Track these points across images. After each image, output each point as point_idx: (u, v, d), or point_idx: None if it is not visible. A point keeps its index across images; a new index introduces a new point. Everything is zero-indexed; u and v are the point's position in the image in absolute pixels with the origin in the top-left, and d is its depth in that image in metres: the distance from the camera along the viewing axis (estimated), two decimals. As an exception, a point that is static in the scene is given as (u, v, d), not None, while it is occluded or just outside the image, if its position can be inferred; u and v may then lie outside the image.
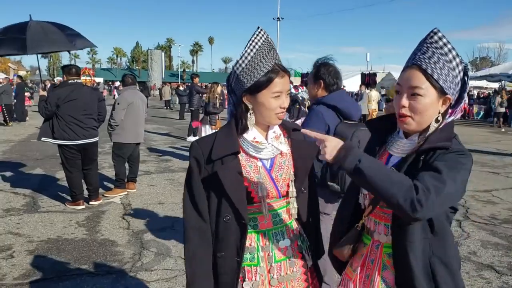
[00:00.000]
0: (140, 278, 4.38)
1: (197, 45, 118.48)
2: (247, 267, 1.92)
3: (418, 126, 1.72)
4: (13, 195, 7.37)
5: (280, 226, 1.96)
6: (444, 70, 1.66)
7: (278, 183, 1.92)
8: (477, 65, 65.35)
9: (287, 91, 1.87)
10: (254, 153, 1.91)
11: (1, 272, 4.46)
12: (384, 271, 1.78)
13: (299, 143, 1.99)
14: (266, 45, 1.85)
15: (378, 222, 1.82)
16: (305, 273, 2.00)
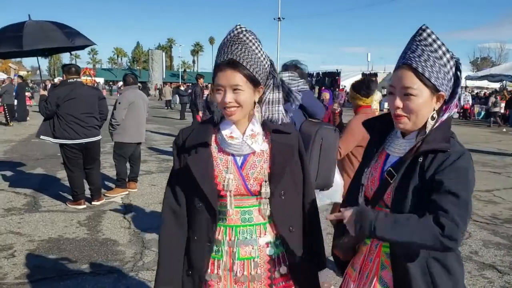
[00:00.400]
0: (141, 277, 4.38)
1: (198, 45, 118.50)
2: (212, 258, 1.96)
3: (414, 126, 1.73)
4: (14, 195, 7.37)
5: (249, 225, 1.94)
6: (435, 67, 1.65)
7: (248, 181, 1.91)
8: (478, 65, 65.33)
9: (231, 86, 1.82)
10: (224, 147, 1.93)
11: (2, 272, 4.46)
12: (382, 271, 1.78)
13: (279, 144, 1.94)
14: (231, 40, 1.85)
15: None
16: (270, 277, 1.96)
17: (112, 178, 8.20)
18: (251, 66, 1.83)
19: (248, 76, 1.83)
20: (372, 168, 1.86)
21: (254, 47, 1.86)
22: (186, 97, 22.96)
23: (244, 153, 1.92)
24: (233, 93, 1.82)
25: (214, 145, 1.95)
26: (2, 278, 4.32)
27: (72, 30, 7.16)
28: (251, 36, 1.87)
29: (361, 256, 1.89)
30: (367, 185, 1.86)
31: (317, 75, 44.55)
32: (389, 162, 1.81)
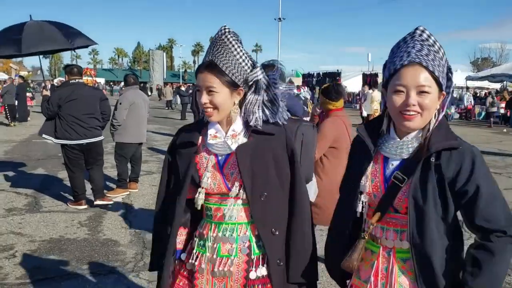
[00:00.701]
0: (142, 277, 4.38)
1: (198, 46, 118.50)
2: (198, 252, 2.03)
3: (423, 123, 1.72)
4: (15, 195, 7.38)
5: (231, 223, 1.98)
6: (440, 67, 1.69)
7: (228, 180, 1.95)
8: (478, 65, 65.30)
9: (206, 87, 1.89)
10: (207, 146, 2.00)
11: (4, 272, 4.47)
12: (400, 277, 1.76)
13: (256, 146, 1.95)
14: (214, 42, 1.93)
15: (386, 228, 1.80)
16: (245, 277, 1.95)
17: (113, 179, 8.20)
18: (228, 68, 1.88)
19: (224, 79, 1.89)
20: (371, 174, 1.82)
21: (233, 49, 1.90)
22: (187, 97, 22.99)
23: (225, 152, 1.97)
24: (208, 95, 1.90)
25: (203, 144, 2.03)
26: (3, 278, 4.33)
27: (73, 30, 7.15)
28: (232, 37, 1.91)
29: (370, 266, 1.83)
30: (368, 192, 1.81)
31: (318, 75, 44.51)
32: (391, 165, 1.79)
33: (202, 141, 2.03)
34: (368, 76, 37.95)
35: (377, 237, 1.82)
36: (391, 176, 1.76)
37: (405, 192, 1.72)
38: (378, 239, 1.81)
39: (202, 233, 2.03)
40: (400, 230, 1.76)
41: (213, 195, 2.00)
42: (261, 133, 1.97)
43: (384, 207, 1.77)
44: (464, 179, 1.65)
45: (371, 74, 38.22)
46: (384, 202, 1.77)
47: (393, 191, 1.74)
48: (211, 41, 1.96)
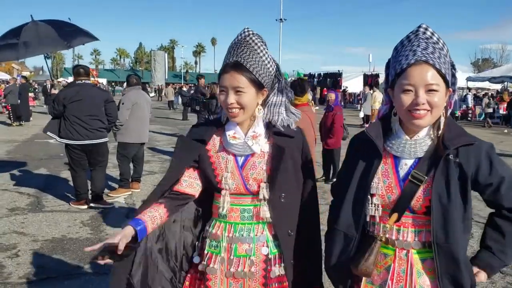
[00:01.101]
0: (144, 277, 4.40)
1: (200, 46, 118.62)
2: (210, 253, 2.01)
3: (432, 120, 1.73)
4: (17, 195, 7.41)
5: (248, 223, 1.99)
6: (446, 64, 1.70)
7: (248, 181, 1.96)
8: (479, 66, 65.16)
9: (233, 87, 1.88)
10: (226, 146, 2.00)
11: (7, 271, 4.49)
12: (420, 278, 1.74)
13: (279, 147, 1.96)
14: (238, 43, 1.92)
15: (402, 229, 1.77)
16: (265, 276, 1.97)
17: (116, 178, 8.22)
18: (255, 69, 1.88)
19: (251, 79, 1.88)
20: (383, 175, 1.79)
21: (259, 51, 1.91)
22: (188, 97, 22.97)
23: (245, 153, 1.97)
24: (235, 95, 1.88)
25: (219, 144, 2.02)
26: (6, 277, 4.35)
27: (71, 29, 7.10)
28: (258, 39, 1.93)
29: (384, 270, 1.80)
30: (381, 194, 1.78)
31: (319, 76, 44.56)
32: (404, 165, 1.77)
33: (220, 141, 2.03)
34: (369, 76, 37.95)
35: (392, 239, 1.78)
36: (406, 176, 1.75)
37: (424, 191, 1.71)
38: (394, 242, 1.78)
39: (215, 234, 2.01)
40: (418, 231, 1.75)
41: (230, 195, 1.98)
42: (282, 135, 1.99)
43: (402, 208, 1.75)
44: (487, 171, 1.71)
45: (372, 74, 38.22)
46: (401, 203, 1.74)
47: (410, 191, 1.72)
48: (233, 43, 1.94)
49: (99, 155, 6.85)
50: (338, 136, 8.61)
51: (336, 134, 8.57)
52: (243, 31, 1.95)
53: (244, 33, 1.94)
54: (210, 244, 2.02)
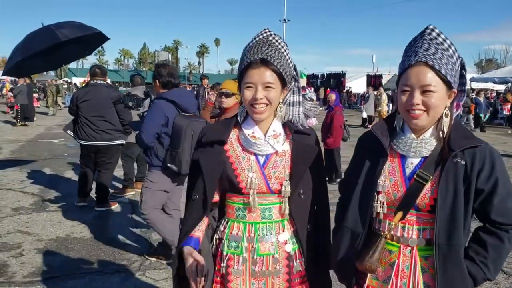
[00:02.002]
0: (148, 276, 4.42)
1: (203, 47, 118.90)
2: (230, 254, 1.99)
3: (430, 122, 1.75)
4: (22, 194, 7.43)
5: (268, 222, 1.99)
6: (448, 65, 1.70)
7: (270, 180, 1.96)
8: (483, 67, 64.92)
9: (263, 83, 1.87)
10: (247, 146, 1.97)
11: (11, 270, 4.51)
12: (423, 275, 1.76)
13: (300, 145, 1.99)
14: (260, 42, 1.92)
15: (407, 226, 1.79)
16: (288, 273, 1.99)
17: (120, 178, 8.25)
18: (281, 67, 1.90)
19: (279, 75, 1.90)
20: (389, 173, 1.82)
21: (283, 50, 1.94)
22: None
23: (266, 152, 1.97)
24: (264, 90, 1.88)
25: (237, 144, 2.00)
26: (10, 276, 4.37)
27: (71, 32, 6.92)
28: (280, 39, 1.96)
29: (389, 266, 1.82)
30: (387, 192, 1.81)
31: (322, 77, 44.56)
32: (410, 163, 1.80)
33: (237, 141, 2.01)
34: (372, 77, 37.94)
35: (397, 236, 1.81)
36: (412, 175, 1.77)
37: (429, 190, 1.73)
38: (398, 238, 1.80)
39: (234, 234, 2.00)
40: (422, 228, 1.77)
41: (250, 195, 1.97)
42: (300, 133, 2.02)
43: (407, 206, 1.77)
44: (485, 177, 1.69)
45: (375, 75, 38.21)
46: (406, 201, 1.77)
47: (416, 190, 1.75)
48: (254, 42, 1.93)
49: (106, 158, 6.74)
50: (337, 136, 8.61)
51: (334, 133, 8.59)
52: (264, 31, 1.97)
53: (265, 33, 1.96)
54: (229, 245, 2.00)
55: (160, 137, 4.37)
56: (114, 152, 6.82)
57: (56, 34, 6.51)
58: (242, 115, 2.03)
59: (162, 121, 4.28)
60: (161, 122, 4.29)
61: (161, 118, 4.28)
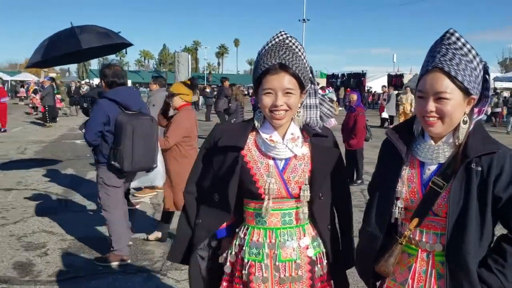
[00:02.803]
0: (170, 277, 4.45)
1: (222, 48, 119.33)
2: (251, 261, 1.96)
3: (445, 129, 1.72)
4: (46, 195, 7.56)
5: (289, 227, 1.97)
6: (467, 70, 1.66)
7: (290, 184, 1.93)
8: (507, 66, 63.65)
9: (283, 89, 1.84)
10: (266, 150, 1.94)
11: (36, 269, 4.60)
12: (439, 280, 1.75)
13: (319, 148, 1.98)
14: (277, 46, 1.89)
15: (425, 231, 1.78)
16: (311, 278, 1.98)
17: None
18: (300, 71, 1.87)
19: (298, 79, 1.87)
20: (408, 179, 1.81)
21: (300, 53, 1.91)
22: (211, 99, 23.14)
23: (285, 157, 1.94)
24: (284, 96, 1.86)
25: (254, 148, 1.98)
26: (36, 275, 4.45)
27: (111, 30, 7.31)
28: (297, 42, 1.94)
29: (406, 269, 1.83)
30: (405, 198, 1.80)
31: (342, 76, 44.32)
32: (427, 170, 1.78)
33: (255, 145, 1.98)
34: (393, 77, 37.58)
35: (416, 240, 1.80)
36: (428, 181, 1.75)
37: (444, 197, 1.71)
38: (417, 242, 1.80)
39: (254, 241, 1.97)
40: (440, 234, 1.75)
41: (264, 200, 1.94)
42: (319, 136, 2.01)
43: (423, 213, 1.76)
44: (504, 184, 1.65)
45: (396, 75, 37.83)
46: (422, 208, 1.76)
47: (431, 197, 1.73)
48: (271, 45, 1.91)
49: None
50: (360, 137, 8.56)
51: (358, 134, 8.52)
52: (280, 34, 1.94)
53: (282, 36, 1.93)
54: (250, 252, 1.97)
55: (104, 136, 4.51)
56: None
57: (79, 42, 6.63)
58: (260, 120, 1.99)
59: (103, 120, 4.44)
60: (103, 121, 4.45)
61: (103, 117, 4.43)
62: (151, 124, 4.54)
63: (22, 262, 4.77)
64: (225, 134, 2.00)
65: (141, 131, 4.40)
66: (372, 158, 11.61)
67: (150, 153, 4.54)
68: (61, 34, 7.07)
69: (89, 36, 6.77)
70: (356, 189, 8.07)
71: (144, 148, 4.44)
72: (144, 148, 4.44)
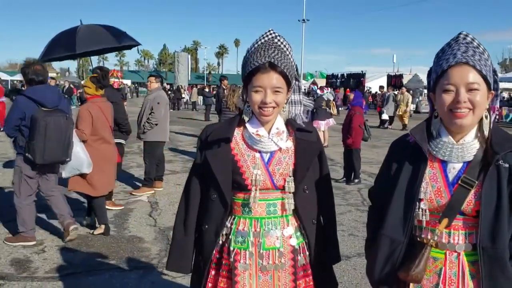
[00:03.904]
0: (166, 273, 4.47)
1: (222, 48, 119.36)
2: (237, 249, 2.05)
3: (473, 122, 1.74)
4: (44, 193, 7.55)
5: (273, 217, 2.06)
6: (486, 67, 1.71)
7: (275, 176, 2.02)
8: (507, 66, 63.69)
9: (272, 87, 1.93)
10: (252, 144, 2.04)
11: (34, 266, 4.63)
12: (472, 281, 1.74)
13: (302, 142, 2.06)
14: (266, 44, 1.98)
15: (453, 232, 1.76)
16: (293, 266, 2.05)
17: (139, 178, 8.35)
18: (287, 70, 1.96)
19: (286, 79, 1.96)
20: (431, 179, 1.79)
21: (287, 52, 2.00)
22: (210, 98, 23.18)
23: (270, 150, 2.03)
24: (273, 94, 1.94)
25: (241, 142, 2.07)
26: (33, 272, 4.49)
27: (120, 31, 7.47)
28: (285, 41, 2.03)
29: (432, 273, 1.78)
30: (430, 199, 1.77)
31: (342, 77, 44.37)
32: (452, 169, 1.77)
33: (242, 139, 2.08)
34: (392, 77, 37.62)
35: (443, 242, 1.77)
36: (455, 180, 1.75)
37: (475, 195, 1.71)
38: (444, 245, 1.77)
39: (240, 230, 2.06)
40: (468, 233, 1.75)
41: (251, 191, 2.02)
42: (303, 130, 2.08)
43: (453, 212, 1.74)
44: None
45: (395, 75, 37.87)
46: (452, 207, 1.74)
47: (461, 196, 1.72)
48: (259, 44, 2.00)
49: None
50: (356, 136, 8.57)
51: (353, 134, 8.55)
52: (269, 33, 2.03)
53: (270, 35, 2.02)
54: (236, 240, 2.06)
55: (21, 129, 4.93)
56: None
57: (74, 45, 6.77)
58: (248, 114, 2.07)
59: (20, 115, 4.85)
60: (19, 116, 4.85)
61: (19, 113, 4.85)
62: (65, 121, 4.95)
63: (19, 258, 4.81)
64: (214, 131, 2.09)
65: (54, 127, 4.81)
66: (370, 157, 11.69)
67: (63, 148, 4.95)
68: (61, 37, 7.17)
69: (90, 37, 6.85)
70: (353, 189, 8.11)
71: (56, 143, 4.86)
72: (56, 143, 4.85)
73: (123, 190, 7.85)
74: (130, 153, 10.90)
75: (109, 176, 5.67)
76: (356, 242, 5.32)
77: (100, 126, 5.53)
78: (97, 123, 5.49)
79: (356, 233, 5.73)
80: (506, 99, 30.33)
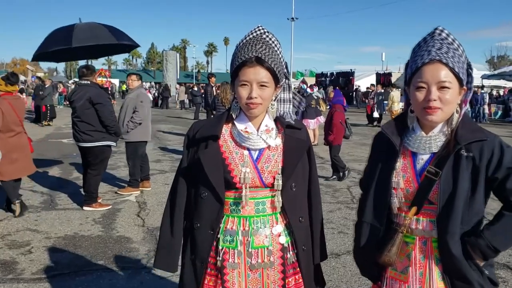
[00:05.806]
0: (154, 273, 4.44)
1: (211, 46, 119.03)
2: (225, 248, 2.03)
3: (443, 118, 1.82)
4: (31, 193, 7.52)
5: (262, 215, 2.03)
6: (459, 63, 1.78)
7: (263, 174, 2.00)
8: (495, 64, 64.29)
9: (258, 82, 1.92)
10: (240, 141, 2.01)
11: (20, 267, 4.57)
12: (438, 265, 1.84)
13: (291, 139, 2.05)
14: (255, 40, 1.98)
15: (421, 219, 1.88)
16: (282, 264, 2.04)
17: (124, 179, 8.30)
18: (275, 65, 1.94)
19: (273, 74, 1.95)
20: (402, 170, 1.91)
21: (276, 48, 2.00)
22: (199, 97, 23.12)
23: (259, 147, 2.01)
24: (259, 89, 1.93)
25: (230, 139, 2.04)
26: (19, 273, 4.43)
27: (119, 31, 7.43)
28: (273, 37, 2.03)
29: (404, 257, 1.91)
30: (402, 188, 1.89)
31: (331, 75, 44.44)
32: (420, 160, 1.88)
33: (230, 136, 2.05)
34: (381, 75, 37.79)
35: (412, 228, 1.89)
36: (422, 171, 1.85)
37: (438, 185, 1.80)
38: (413, 230, 1.89)
39: (229, 229, 2.03)
40: (435, 220, 1.83)
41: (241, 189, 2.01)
42: (292, 128, 2.07)
43: (420, 201, 1.85)
44: (497, 164, 1.75)
45: (384, 73, 38.05)
46: (419, 196, 1.84)
47: (427, 185, 1.82)
48: (248, 39, 1.99)
49: (91, 158, 6.62)
50: (336, 133, 8.66)
51: (333, 130, 8.65)
52: (258, 29, 2.03)
53: (259, 30, 2.02)
54: (224, 239, 2.04)
55: None
56: (98, 153, 6.61)
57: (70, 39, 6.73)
58: (236, 110, 2.05)
59: None
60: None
61: None
62: None
63: (5, 260, 4.74)
64: (202, 127, 2.07)
65: None
66: (359, 155, 11.72)
67: None
68: (58, 32, 7.15)
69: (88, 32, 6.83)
70: (343, 186, 8.11)
71: None
72: None
73: (110, 190, 7.80)
74: (117, 152, 10.82)
75: (22, 163, 6.28)
76: (345, 240, 5.32)
77: (11, 120, 6.06)
78: (8, 118, 5.97)
79: (345, 230, 5.73)
80: (495, 97, 30.55)
